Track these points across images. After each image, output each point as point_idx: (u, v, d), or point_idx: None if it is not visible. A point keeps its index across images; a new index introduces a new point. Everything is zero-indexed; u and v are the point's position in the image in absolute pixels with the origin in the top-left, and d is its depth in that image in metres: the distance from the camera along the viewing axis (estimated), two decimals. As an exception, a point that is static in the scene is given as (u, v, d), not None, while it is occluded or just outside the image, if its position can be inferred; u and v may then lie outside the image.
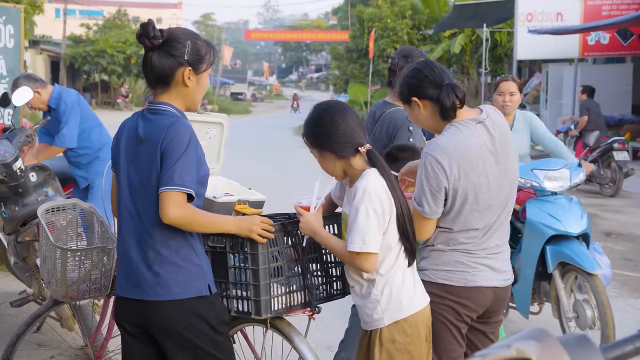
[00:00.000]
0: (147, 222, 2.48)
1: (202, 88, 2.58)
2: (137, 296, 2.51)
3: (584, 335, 0.92)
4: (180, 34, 2.53)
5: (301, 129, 2.85)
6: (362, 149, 2.52)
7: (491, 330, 2.80)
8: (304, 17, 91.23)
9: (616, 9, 15.43)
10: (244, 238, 2.65)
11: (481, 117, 2.59)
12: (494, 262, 2.67)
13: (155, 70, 2.51)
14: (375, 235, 2.42)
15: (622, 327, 4.85)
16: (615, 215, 9.41)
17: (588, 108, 11.32)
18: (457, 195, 2.55)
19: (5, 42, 6.28)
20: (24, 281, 4.49)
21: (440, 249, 2.65)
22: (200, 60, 2.52)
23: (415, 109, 2.66)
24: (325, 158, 2.56)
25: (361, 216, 2.41)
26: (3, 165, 3.96)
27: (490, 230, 2.64)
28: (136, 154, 2.52)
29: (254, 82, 65.05)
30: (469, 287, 2.63)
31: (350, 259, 2.48)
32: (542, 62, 20.58)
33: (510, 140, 2.68)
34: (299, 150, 18.80)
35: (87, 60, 34.76)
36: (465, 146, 2.54)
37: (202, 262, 2.55)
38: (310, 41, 67.23)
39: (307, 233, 2.63)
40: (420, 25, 25.33)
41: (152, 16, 3.49)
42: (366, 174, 2.48)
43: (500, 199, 2.63)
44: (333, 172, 2.58)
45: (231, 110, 34.98)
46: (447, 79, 2.62)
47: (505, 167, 2.63)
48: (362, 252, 2.43)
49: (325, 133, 2.53)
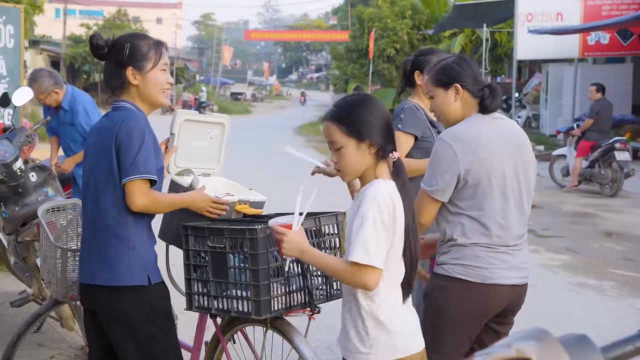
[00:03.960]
0: (99, 211, 2.59)
1: (154, 85, 2.66)
2: (87, 281, 2.64)
3: (584, 335, 0.92)
4: (121, 38, 2.70)
5: (301, 130, 2.85)
6: (393, 154, 2.23)
7: (504, 331, 2.75)
8: (304, 17, 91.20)
9: (616, 9, 15.44)
10: (243, 238, 2.68)
11: (497, 115, 2.70)
12: (512, 259, 2.64)
13: (106, 77, 2.71)
14: (381, 248, 2.11)
15: (622, 327, 4.86)
16: (615, 215, 9.41)
17: (598, 111, 10.89)
18: (469, 177, 2.57)
19: (5, 42, 6.28)
20: (24, 281, 4.49)
21: (461, 244, 2.62)
22: (141, 59, 2.64)
23: (451, 95, 2.72)
24: (357, 150, 2.20)
25: (368, 226, 2.10)
26: (3, 165, 3.96)
27: (509, 225, 2.62)
28: (91, 144, 2.66)
29: (254, 82, 65.04)
30: (487, 285, 2.60)
31: (352, 274, 2.11)
32: (542, 62, 20.60)
33: (526, 143, 2.73)
34: (299, 151, 18.80)
35: (87, 60, 34.76)
36: (478, 132, 2.62)
37: (146, 254, 2.62)
38: (310, 41, 67.25)
39: (294, 254, 2.22)
40: (420, 25, 25.32)
41: (152, 16, 3.53)
42: (378, 182, 2.19)
43: (516, 194, 2.64)
44: (354, 168, 2.22)
45: (231, 110, 34.98)
46: (485, 80, 2.75)
47: (522, 164, 2.66)
48: (366, 264, 2.09)
49: (374, 122, 2.20)
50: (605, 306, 5.50)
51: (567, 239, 7.91)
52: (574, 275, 6.35)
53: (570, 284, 6.06)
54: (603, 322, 5.05)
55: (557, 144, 15.82)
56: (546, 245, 7.59)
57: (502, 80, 25.73)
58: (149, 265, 2.62)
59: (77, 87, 5.62)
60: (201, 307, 2.89)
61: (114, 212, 2.56)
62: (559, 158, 11.82)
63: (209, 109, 31.25)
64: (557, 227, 8.58)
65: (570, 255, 7.18)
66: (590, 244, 7.70)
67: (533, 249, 7.39)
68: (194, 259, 2.87)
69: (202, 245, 2.83)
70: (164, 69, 2.69)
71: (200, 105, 32.91)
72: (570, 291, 5.84)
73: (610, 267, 6.66)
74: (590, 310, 5.36)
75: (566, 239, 7.94)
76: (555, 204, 10.28)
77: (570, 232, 8.29)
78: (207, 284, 2.85)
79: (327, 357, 4.33)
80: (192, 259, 2.87)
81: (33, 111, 17.63)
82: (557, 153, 12.01)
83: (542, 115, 19.95)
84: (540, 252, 7.27)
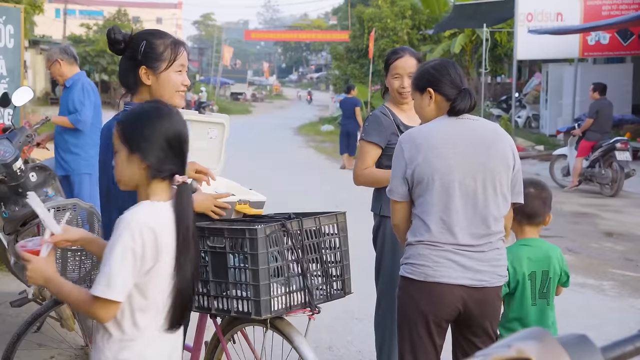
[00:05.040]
0: None
1: (167, 86, 2.57)
2: None
3: (584, 335, 0.92)
4: (138, 35, 2.60)
5: (301, 130, 2.86)
6: (177, 178, 2.06)
7: (482, 341, 2.71)
8: (304, 17, 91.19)
9: (616, 9, 15.45)
10: (243, 238, 2.68)
11: (468, 116, 2.73)
12: (463, 259, 2.61)
13: (120, 74, 2.62)
14: (126, 281, 1.96)
15: (622, 327, 4.86)
16: (616, 215, 9.41)
17: (598, 111, 10.85)
18: (415, 175, 2.64)
19: (5, 42, 6.28)
20: (24, 281, 4.49)
21: (410, 242, 2.69)
22: (156, 59, 2.54)
23: (426, 99, 2.79)
24: (127, 160, 2.06)
25: (115, 255, 1.95)
26: (3, 165, 3.96)
27: (454, 223, 2.61)
28: (107, 151, 2.57)
29: (254, 82, 65.00)
30: (430, 283, 2.62)
31: (89, 305, 1.99)
32: (542, 62, 20.60)
33: (499, 144, 2.69)
34: (299, 151, 18.81)
35: (87, 60, 34.74)
36: (432, 131, 2.69)
37: None
38: (310, 41, 67.22)
39: (39, 282, 2.09)
40: (420, 25, 25.33)
41: (152, 16, 3.51)
42: (139, 206, 2.03)
43: (470, 192, 2.62)
44: (125, 178, 2.09)
45: (231, 110, 34.96)
46: (464, 83, 2.77)
47: (486, 164, 2.64)
48: (103, 297, 1.95)
49: (150, 138, 2.05)
50: (605, 306, 5.50)
51: (567, 239, 7.90)
52: (574, 275, 6.33)
53: (570, 283, 6.05)
54: (603, 322, 5.05)
55: (557, 144, 15.81)
56: (546, 245, 7.58)
57: (502, 80, 25.75)
58: None
59: None
60: (201, 307, 2.89)
61: None
62: (559, 158, 11.82)
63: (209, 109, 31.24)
64: (557, 227, 8.57)
65: (570, 255, 7.17)
66: (590, 244, 7.70)
67: (533, 249, 7.38)
68: (194, 259, 2.87)
69: (202, 245, 2.83)
70: (180, 70, 2.59)
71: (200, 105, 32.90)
72: (570, 291, 5.83)
73: (610, 267, 6.66)
74: (590, 310, 5.36)
75: (566, 239, 7.93)
76: (555, 204, 10.19)
77: (570, 232, 8.29)
78: (207, 284, 2.85)
79: (327, 357, 4.33)
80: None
81: (33, 110, 17.63)
82: (558, 153, 12.00)
83: (542, 115, 19.94)
84: (540, 252, 7.26)
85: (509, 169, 2.69)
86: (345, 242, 3.00)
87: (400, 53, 3.53)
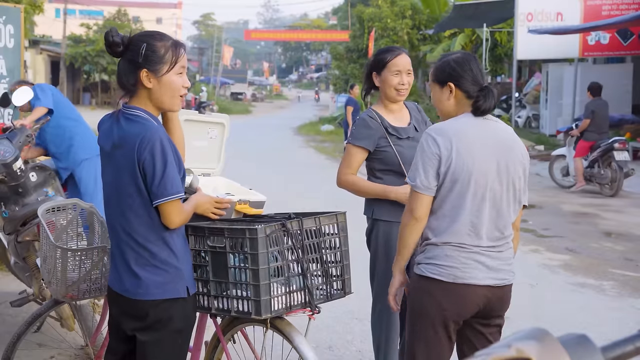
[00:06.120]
0: (123, 226, 2.54)
1: (168, 89, 2.54)
2: (119, 290, 2.60)
3: (584, 335, 0.92)
4: (137, 37, 2.56)
5: (301, 129, 2.86)
6: None
7: (490, 332, 2.75)
8: (304, 17, 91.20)
9: (616, 9, 15.45)
10: (243, 238, 2.69)
11: (489, 117, 2.71)
12: (487, 260, 2.63)
13: (120, 77, 2.59)
14: None
15: (622, 327, 4.86)
16: (615, 215, 9.41)
17: (593, 110, 10.88)
18: (449, 173, 2.59)
19: (5, 42, 6.28)
20: (24, 281, 4.49)
21: (433, 243, 2.65)
22: (157, 62, 2.51)
23: (446, 93, 2.76)
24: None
25: None
26: (3, 165, 3.96)
27: (482, 225, 2.62)
28: (112, 158, 2.57)
29: (254, 82, 65.00)
30: (457, 284, 2.61)
31: None
32: (542, 62, 20.59)
33: (517, 147, 2.70)
34: (299, 151, 18.80)
35: (87, 60, 34.76)
36: (462, 130, 2.64)
37: (182, 264, 2.58)
38: (310, 41, 67.22)
39: None
40: (420, 25, 25.33)
41: (152, 16, 3.51)
42: None
43: (497, 195, 2.63)
44: None
45: (231, 110, 34.97)
46: (485, 80, 2.75)
47: (508, 167, 2.65)
48: None
49: None
50: (605, 306, 5.50)
51: (567, 239, 7.91)
52: (574, 275, 6.35)
53: (570, 284, 6.05)
54: (603, 322, 5.05)
55: (557, 144, 15.81)
56: (546, 245, 7.59)
57: (502, 80, 25.74)
58: (185, 276, 2.59)
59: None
60: (201, 307, 2.89)
61: (142, 230, 2.51)
62: (559, 158, 11.82)
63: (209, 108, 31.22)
64: (557, 227, 8.58)
65: (570, 255, 7.18)
66: (590, 244, 7.70)
67: (533, 249, 7.39)
68: (194, 258, 2.87)
69: (202, 245, 2.83)
70: (181, 72, 2.56)
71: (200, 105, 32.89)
72: (570, 291, 5.83)
73: (610, 267, 6.66)
74: (590, 310, 5.36)
75: (566, 239, 7.94)
76: (555, 204, 10.28)
77: (570, 232, 8.29)
78: (207, 284, 2.85)
79: (327, 357, 4.33)
80: (192, 259, 2.87)
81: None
82: (557, 153, 12.00)
83: (542, 115, 19.94)
84: (540, 252, 7.27)
85: (524, 172, 2.72)
86: (346, 242, 3.00)
87: (397, 51, 3.53)
